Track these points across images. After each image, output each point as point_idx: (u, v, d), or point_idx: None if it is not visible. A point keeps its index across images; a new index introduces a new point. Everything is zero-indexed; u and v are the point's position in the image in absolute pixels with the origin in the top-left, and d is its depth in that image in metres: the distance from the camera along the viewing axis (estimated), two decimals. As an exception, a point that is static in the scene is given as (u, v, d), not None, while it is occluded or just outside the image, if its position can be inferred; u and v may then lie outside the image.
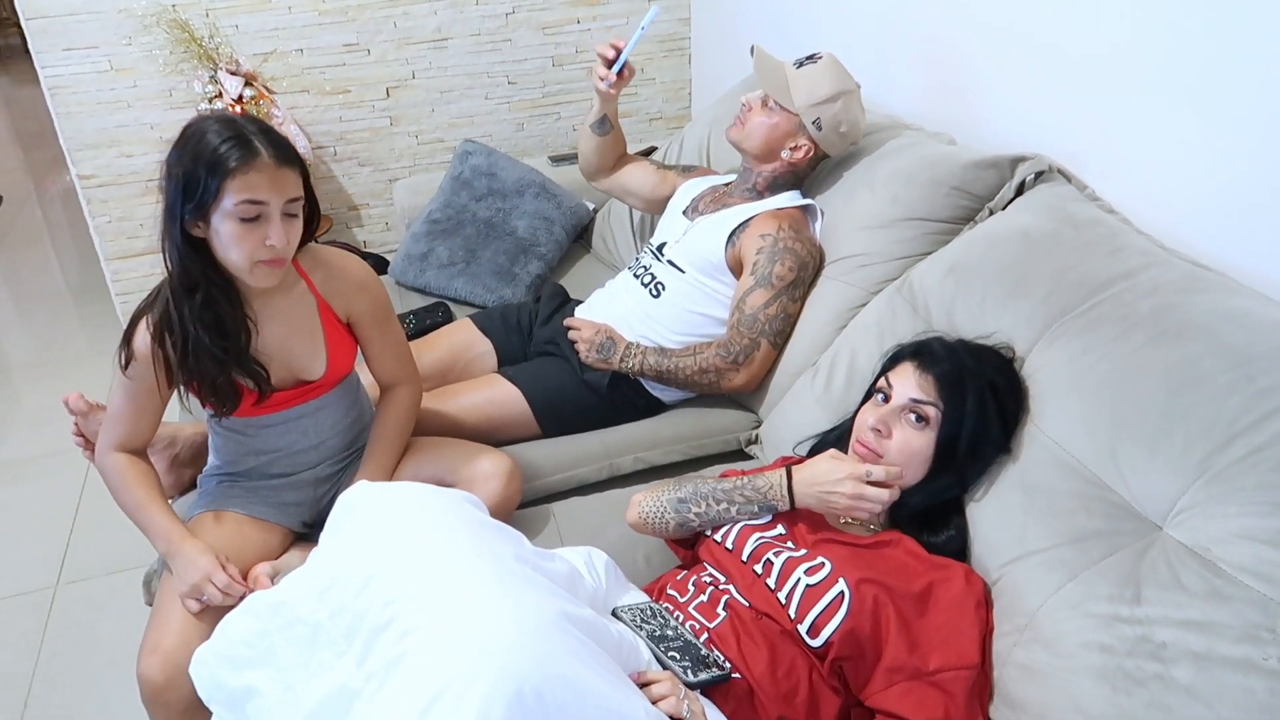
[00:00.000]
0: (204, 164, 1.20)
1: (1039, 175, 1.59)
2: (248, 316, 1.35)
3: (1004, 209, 1.59)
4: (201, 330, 1.30)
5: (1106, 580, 1.07)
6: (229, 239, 1.24)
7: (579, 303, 2.01)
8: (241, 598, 1.26)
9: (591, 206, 2.46)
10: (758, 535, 1.28)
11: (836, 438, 1.42)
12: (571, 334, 1.81)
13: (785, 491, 1.26)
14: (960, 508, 1.29)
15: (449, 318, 2.16)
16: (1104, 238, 1.38)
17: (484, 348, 1.94)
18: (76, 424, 1.61)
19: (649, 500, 1.37)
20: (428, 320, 2.12)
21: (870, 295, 1.66)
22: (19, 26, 7.73)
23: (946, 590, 1.18)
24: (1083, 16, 1.53)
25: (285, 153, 1.25)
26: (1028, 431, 1.25)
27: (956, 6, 1.82)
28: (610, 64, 1.88)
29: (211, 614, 1.34)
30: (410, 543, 0.97)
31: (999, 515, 1.22)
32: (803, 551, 1.24)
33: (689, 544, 1.43)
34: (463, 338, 1.95)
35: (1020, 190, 1.60)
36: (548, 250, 2.30)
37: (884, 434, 1.25)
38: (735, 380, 1.72)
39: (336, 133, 2.89)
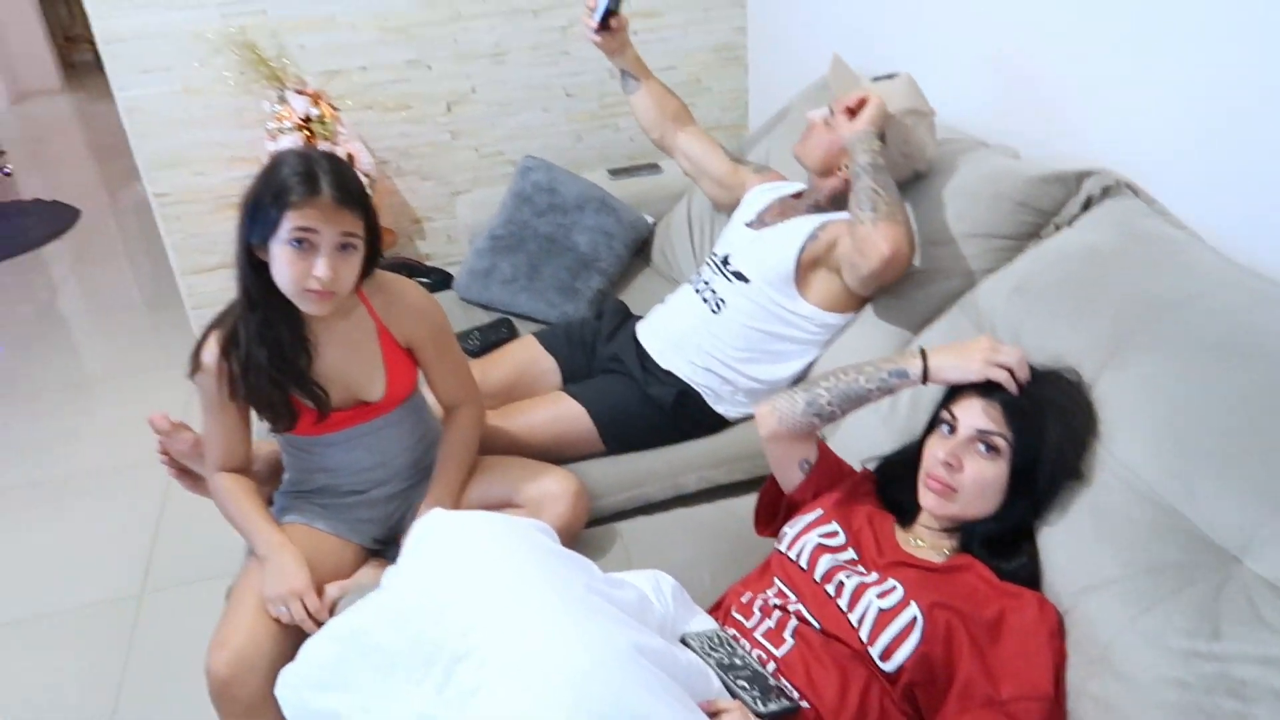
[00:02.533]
0: (271, 193, 1.28)
1: (1106, 190, 1.56)
2: (306, 339, 1.41)
3: (1070, 225, 1.57)
4: (258, 348, 1.37)
5: (1183, 613, 1.05)
6: (281, 264, 1.30)
7: (639, 319, 2.03)
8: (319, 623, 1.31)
9: (651, 220, 2.48)
10: (830, 557, 1.28)
11: (902, 460, 1.42)
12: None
13: (917, 354, 1.28)
14: (1031, 535, 1.27)
15: (513, 333, 2.19)
16: (1174, 254, 1.36)
17: (548, 365, 1.97)
18: (161, 442, 1.67)
19: (776, 400, 1.39)
20: (492, 336, 2.16)
21: (935, 311, 1.65)
22: (92, 44, 7.96)
23: (1019, 618, 1.17)
24: (1151, 31, 1.51)
25: (348, 194, 1.30)
26: (1099, 457, 1.23)
27: (1022, 18, 1.80)
28: (593, 12, 1.97)
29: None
30: (485, 573, 1.00)
31: (1071, 543, 1.21)
32: (874, 575, 1.24)
33: (774, 518, 1.45)
34: (527, 355, 1.98)
35: (1087, 206, 1.58)
36: (608, 265, 2.33)
37: (956, 467, 1.24)
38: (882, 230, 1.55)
39: (400, 148, 2.95)
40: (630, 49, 2.09)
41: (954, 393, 1.30)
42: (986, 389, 1.26)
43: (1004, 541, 1.26)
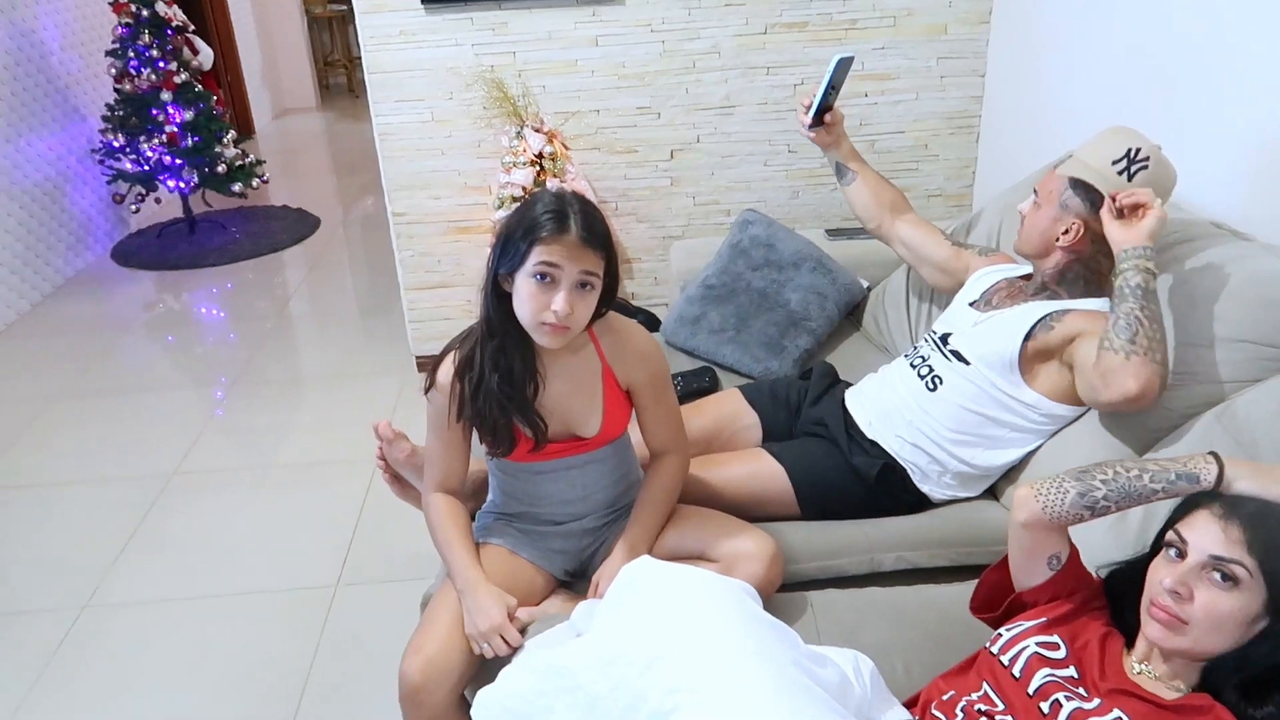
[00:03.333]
0: (523, 227, 1.35)
1: (1403, 306, 1.41)
2: (537, 370, 1.46)
3: (1356, 341, 1.42)
4: (491, 373, 1.43)
5: None
6: (523, 296, 1.36)
7: (848, 384, 1.99)
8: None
9: (866, 284, 2.43)
10: (1048, 671, 1.19)
11: (1130, 576, 1.29)
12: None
13: (1211, 460, 1.15)
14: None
15: (715, 384, 2.20)
16: None
17: (750, 420, 1.95)
18: (381, 449, 1.77)
19: (1040, 485, 1.23)
20: (694, 384, 2.17)
21: (1182, 419, 1.52)
22: (346, 68, 8.72)
23: (1259, 776, 1.04)
24: None
25: (593, 235, 1.36)
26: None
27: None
28: (808, 109, 1.99)
29: None
30: (696, 633, 0.99)
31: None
32: (1096, 702, 1.13)
33: (992, 605, 1.34)
34: (730, 408, 1.97)
35: (1378, 321, 1.42)
36: (818, 325, 2.30)
37: (1184, 597, 1.09)
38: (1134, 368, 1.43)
39: (620, 189, 3.04)
40: (845, 142, 2.09)
41: (1184, 509, 1.16)
42: (1226, 506, 1.12)
43: (1253, 683, 1.13)
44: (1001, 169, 2.89)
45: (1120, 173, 1.60)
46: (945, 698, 1.24)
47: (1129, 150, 1.60)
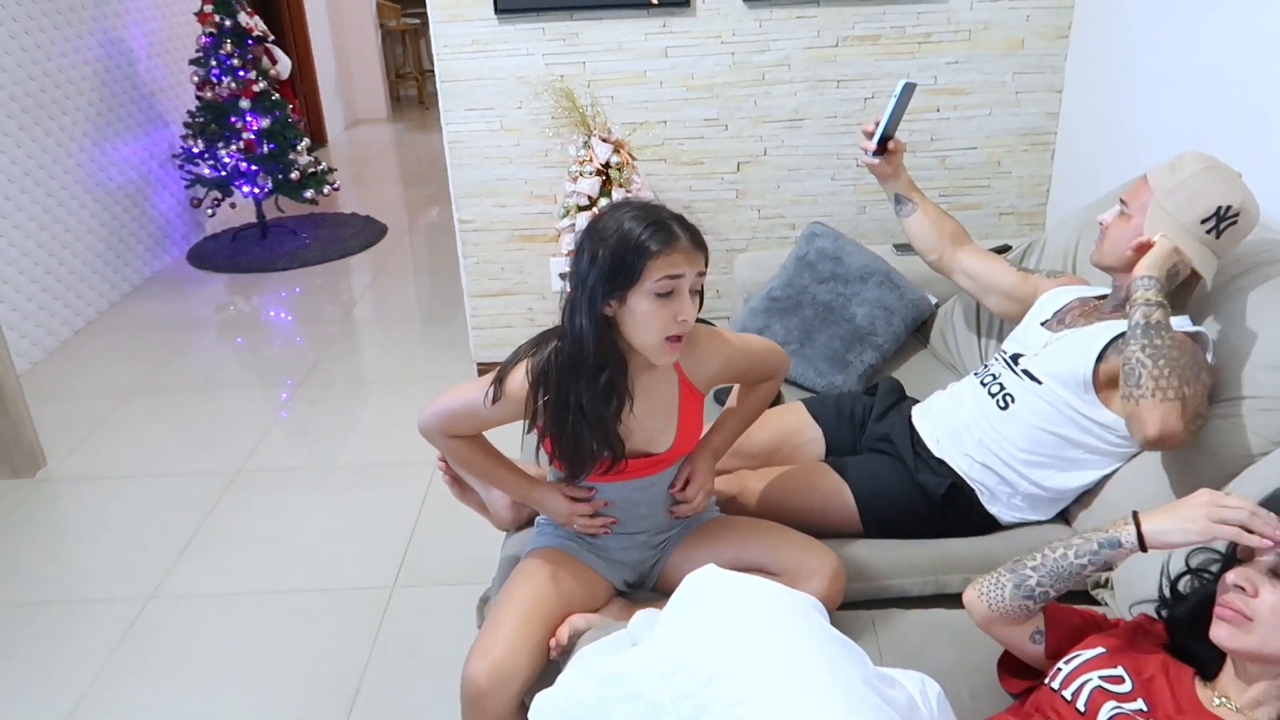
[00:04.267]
0: (631, 248, 1.30)
1: None
2: (629, 393, 1.43)
3: None
4: (584, 401, 1.38)
5: None
6: (643, 316, 1.32)
7: (914, 401, 1.95)
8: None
9: (934, 301, 2.38)
10: (1115, 704, 1.14)
11: (1195, 601, 1.25)
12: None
13: (1130, 521, 1.15)
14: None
15: (779, 398, 2.17)
16: None
17: (814, 434, 1.92)
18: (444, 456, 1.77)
19: (981, 584, 1.29)
20: (757, 396, 2.14)
21: (1271, 446, 1.45)
22: (417, 80, 8.89)
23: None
24: None
25: (697, 238, 1.35)
26: None
27: None
28: (870, 136, 1.94)
29: (539, 639, 1.43)
30: (763, 646, 0.97)
31: None
32: (1169, 733, 1.09)
33: (1025, 674, 1.32)
34: (794, 421, 1.94)
35: None
36: (884, 341, 2.25)
37: (1250, 593, 1.07)
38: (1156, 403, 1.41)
39: (684, 201, 3.03)
40: (904, 173, 2.04)
41: None
42: None
43: None
44: (1077, 187, 2.82)
45: (1209, 231, 1.55)
46: (1012, 728, 1.20)
47: (1219, 209, 1.54)
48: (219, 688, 2.08)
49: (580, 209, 2.75)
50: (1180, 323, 1.63)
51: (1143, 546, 1.16)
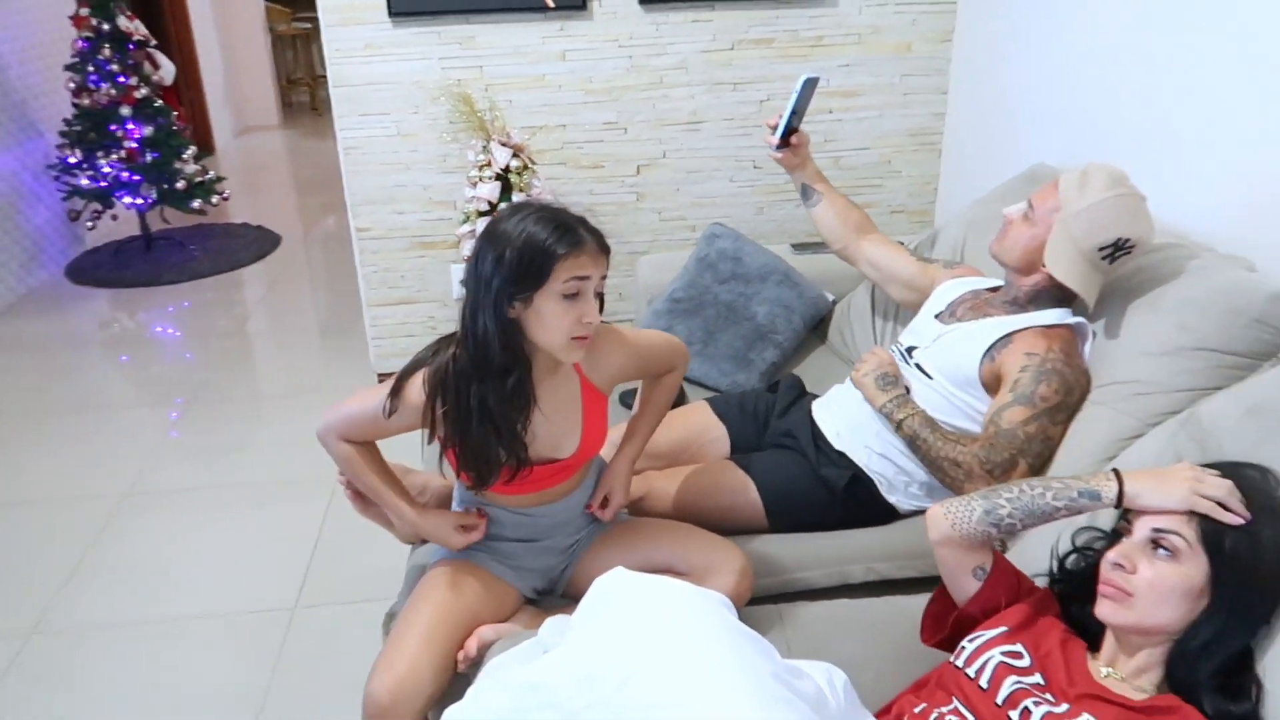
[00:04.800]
0: (538, 250, 1.29)
1: (1362, 315, 1.43)
2: (533, 396, 1.41)
3: (1317, 349, 1.43)
4: (486, 406, 1.36)
5: None
6: (550, 317, 1.32)
7: (815, 396, 1.98)
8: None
9: (831, 298, 2.43)
10: (1015, 679, 1.18)
11: (1083, 574, 1.31)
12: (864, 356, 1.79)
13: (1113, 478, 1.18)
14: (1252, 669, 1.14)
15: (682, 397, 2.18)
16: None
17: (719, 433, 1.94)
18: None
19: (951, 504, 1.30)
20: (662, 397, 2.14)
21: (1146, 427, 1.53)
22: (309, 86, 8.63)
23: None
24: None
25: (602, 240, 1.36)
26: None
27: (1259, 117, 1.69)
28: (774, 130, 1.98)
29: (445, 654, 1.40)
30: (673, 647, 0.96)
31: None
32: (1064, 707, 1.13)
33: (945, 639, 1.36)
34: (699, 421, 1.95)
35: (1338, 329, 1.44)
36: (785, 339, 2.29)
37: (1128, 569, 1.14)
38: (980, 489, 1.60)
39: (585, 204, 2.98)
40: (811, 164, 2.08)
41: None
42: None
43: (1225, 677, 1.13)
44: (963, 185, 2.92)
45: (1104, 258, 1.61)
46: (917, 710, 1.23)
47: (1118, 240, 1.59)
48: (110, 723, 1.98)
49: (480, 214, 2.72)
50: (1060, 315, 1.70)
51: (1119, 504, 1.19)
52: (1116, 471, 1.21)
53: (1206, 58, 1.84)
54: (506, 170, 2.68)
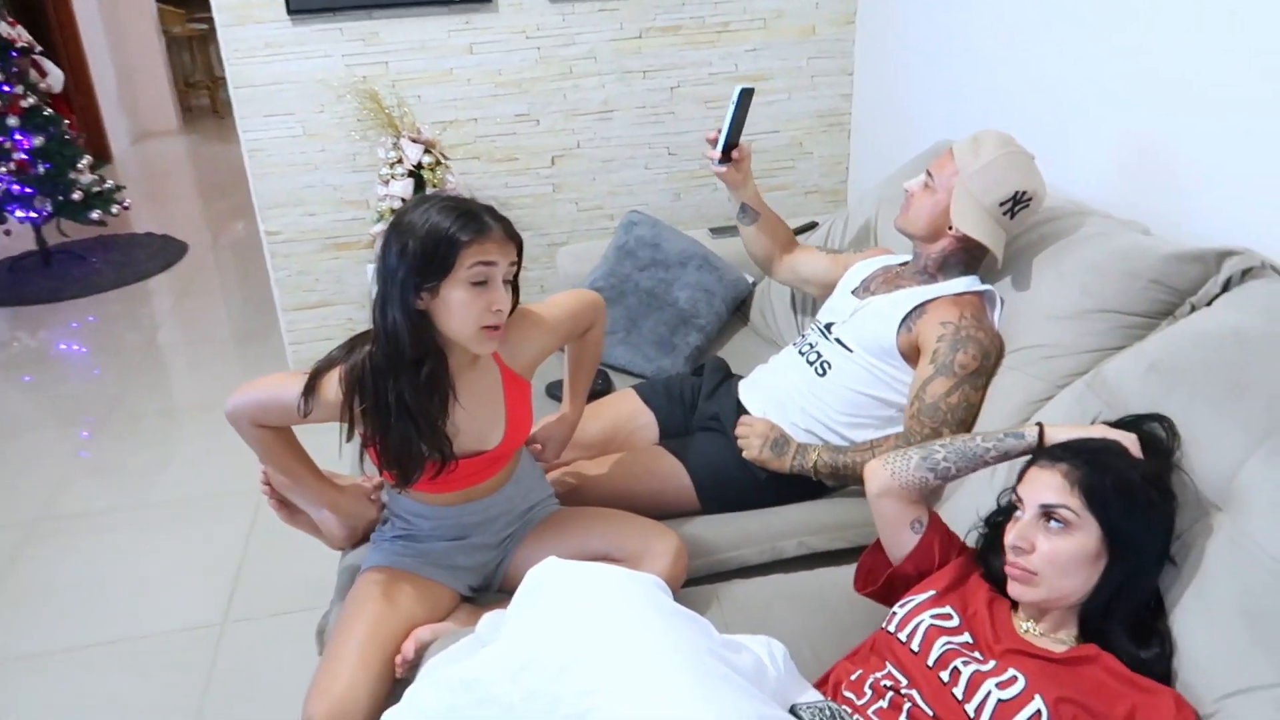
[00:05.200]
0: (442, 239, 1.28)
1: (1247, 272, 1.50)
2: (451, 389, 1.40)
3: (1208, 305, 1.50)
4: (404, 402, 1.34)
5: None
6: (458, 306, 1.30)
7: (740, 377, 2.00)
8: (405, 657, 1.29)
9: (751, 280, 2.46)
10: (945, 640, 1.22)
11: (995, 535, 1.36)
12: (741, 430, 1.79)
13: (1036, 425, 1.28)
14: (1160, 617, 1.20)
15: (608, 386, 2.18)
16: (1335, 343, 1.28)
17: (646, 419, 1.95)
18: (266, 474, 1.68)
19: (889, 455, 1.37)
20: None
21: (1055, 389, 1.59)
22: (209, 88, 8.34)
23: (1151, 718, 1.09)
24: (1304, 107, 1.45)
25: (509, 228, 1.35)
26: (1246, 549, 1.16)
27: (1146, 87, 1.76)
28: (714, 144, 1.93)
29: (381, 666, 1.38)
30: (609, 631, 0.97)
31: (1214, 640, 1.13)
32: (992, 664, 1.17)
33: (878, 592, 1.40)
34: (627, 408, 1.96)
35: (1226, 287, 1.51)
36: (707, 322, 2.31)
37: (1025, 549, 1.18)
38: None
39: (501, 198, 2.92)
40: (751, 183, 2.03)
41: (1019, 473, 1.27)
42: (1047, 459, 1.22)
43: (1136, 626, 1.18)
44: (873, 164, 2.98)
45: (1005, 213, 1.69)
46: (853, 678, 1.26)
47: (1016, 194, 1.67)
48: (33, 757, 1.90)
49: (394, 212, 2.67)
50: (969, 283, 1.76)
51: (1042, 443, 1.28)
52: (1039, 424, 1.30)
53: (1097, 32, 1.91)
54: (419, 167, 2.64)
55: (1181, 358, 1.38)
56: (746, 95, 1.88)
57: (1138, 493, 1.18)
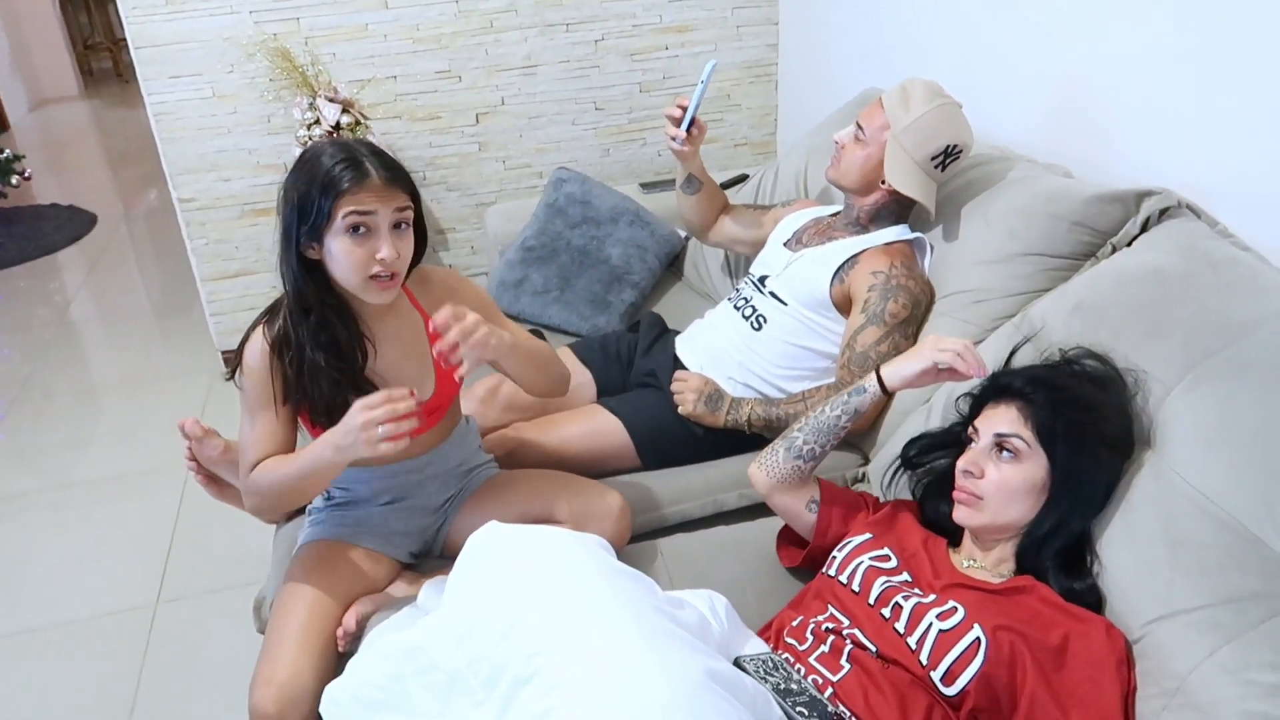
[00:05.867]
0: (318, 186, 1.25)
1: (1165, 211, 1.53)
2: (365, 337, 1.38)
3: (1129, 245, 1.54)
4: (317, 351, 1.33)
5: (1269, 645, 1.01)
6: (341, 255, 1.27)
7: (677, 333, 2.00)
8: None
9: (683, 234, 2.45)
10: (885, 579, 1.25)
11: (940, 476, 1.40)
12: (676, 385, 1.79)
13: (872, 372, 1.35)
14: (1090, 548, 1.24)
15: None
16: (1245, 278, 1.32)
17: (584, 378, 1.93)
18: (190, 448, 1.63)
19: (760, 457, 1.43)
20: (523, 348, 2.12)
21: (986, 332, 1.62)
22: (111, 51, 7.94)
23: (1085, 644, 1.13)
24: (1210, 53, 1.48)
25: (395, 173, 1.29)
26: (1170, 480, 1.20)
27: (1066, 32, 1.78)
28: (678, 123, 1.87)
29: (324, 646, 1.36)
30: (552, 592, 0.96)
31: (1140, 569, 1.17)
32: (932, 597, 1.20)
33: (800, 545, 1.45)
34: (563, 368, 1.94)
35: (1145, 227, 1.55)
36: (641, 278, 2.30)
37: (975, 474, 1.24)
38: None
39: (426, 158, 2.92)
40: (698, 156, 1.99)
41: (977, 408, 1.32)
42: (1006, 394, 1.27)
43: (1068, 558, 1.22)
44: (800, 114, 2.97)
45: (937, 166, 1.70)
46: (795, 624, 1.28)
47: (947, 148, 1.69)
48: (-39, 751, 1.84)
49: (314, 175, 2.58)
50: (899, 232, 1.77)
51: (884, 389, 1.33)
52: (877, 366, 1.36)
53: (1015, -25, 1.92)
54: (337, 127, 2.56)
55: (1104, 298, 1.42)
56: (712, 71, 1.84)
57: (1088, 437, 1.22)
